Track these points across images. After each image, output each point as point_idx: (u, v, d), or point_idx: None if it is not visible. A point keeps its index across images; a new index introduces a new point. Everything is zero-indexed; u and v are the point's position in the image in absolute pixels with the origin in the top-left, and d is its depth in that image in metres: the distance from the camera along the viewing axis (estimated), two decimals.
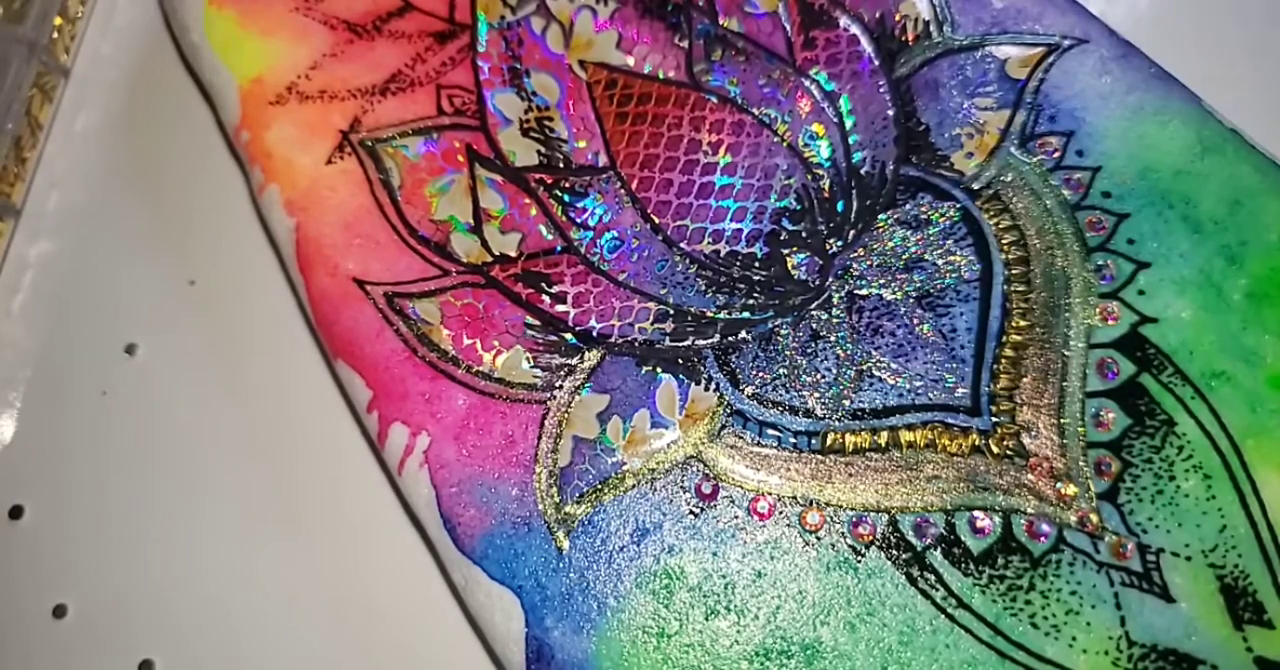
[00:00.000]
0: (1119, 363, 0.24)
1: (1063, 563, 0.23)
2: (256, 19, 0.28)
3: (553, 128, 0.27)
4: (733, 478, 0.24)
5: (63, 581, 0.29)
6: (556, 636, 0.23)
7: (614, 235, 0.26)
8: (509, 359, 0.25)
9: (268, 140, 0.27)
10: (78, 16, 0.34)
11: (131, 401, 0.31)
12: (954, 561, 0.23)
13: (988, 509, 0.24)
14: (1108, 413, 0.24)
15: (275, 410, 0.30)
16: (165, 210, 0.32)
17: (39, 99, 0.33)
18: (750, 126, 0.27)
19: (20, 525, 0.30)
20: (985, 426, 0.24)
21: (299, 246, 0.27)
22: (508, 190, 0.27)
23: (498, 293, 0.26)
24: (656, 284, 0.26)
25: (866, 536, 0.24)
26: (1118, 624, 0.23)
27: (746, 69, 0.27)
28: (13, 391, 0.31)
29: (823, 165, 0.26)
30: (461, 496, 0.24)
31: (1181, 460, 0.23)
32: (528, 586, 0.24)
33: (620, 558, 0.24)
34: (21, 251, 0.32)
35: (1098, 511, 0.23)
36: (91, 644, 0.29)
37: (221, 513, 0.29)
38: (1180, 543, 0.23)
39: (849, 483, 0.24)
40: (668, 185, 0.26)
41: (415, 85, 0.28)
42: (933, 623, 0.23)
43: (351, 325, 0.26)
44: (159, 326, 0.31)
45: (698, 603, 0.23)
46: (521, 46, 0.28)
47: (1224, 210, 0.25)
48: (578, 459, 0.24)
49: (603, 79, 0.27)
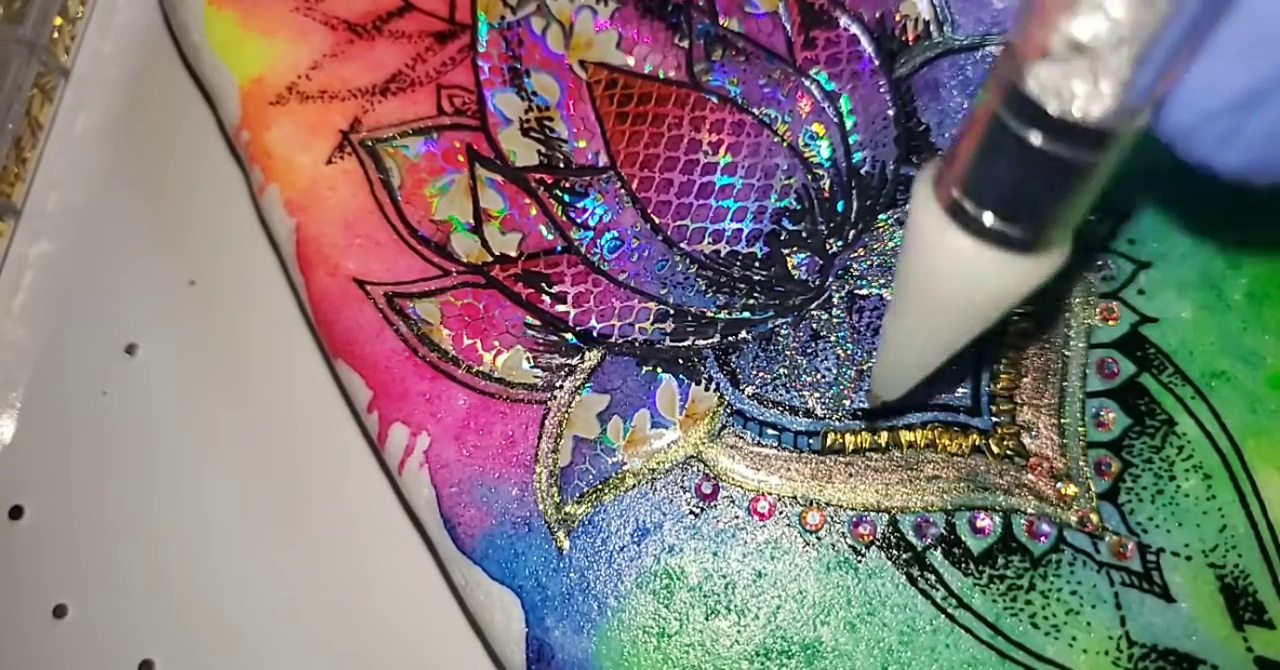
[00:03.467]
0: (1119, 363, 0.24)
1: (1063, 563, 0.23)
2: (257, 19, 0.28)
3: (553, 128, 0.27)
4: (733, 478, 0.24)
5: (63, 581, 0.29)
6: (557, 636, 0.23)
7: (614, 235, 0.26)
8: (509, 359, 0.25)
9: (268, 140, 0.27)
10: (78, 16, 0.34)
11: (131, 401, 0.31)
12: (954, 561, 0.23)
13: (988, 509, 0.24)
14: (1108, 413, 0.24)
15: (275, 410, 0.30)
16: (165, 210, 0.32)
17: (39, 99, 0.33)
18: (750, 126, 0.27)
19: (20, 525, 0.30)
20: (985, 426, 0.24)
21: (299, 246, 0.27)
22: (508, 190, 0.27)
23: (498, 293, 0.26)
24: (656, 284, 0.26)
25: (867, 536, 0.24)
26: (1118, 624, 0.23)
27: (746, 69, 0.27)
28: (13, 391, 0.31)
29: (823, 165, 0.26)
30: (462, 496, 0.24)
31: (1181, 460, 0.23)
32: (528, 586, 0.24)
33: (620, 558, 0.24)
34: (21, 251, 0.32)
35: (1098, 511, 0.23)
36: (91, 644, 0.29)
37: (221, 513, 0.29)
38: (1180, 543, 0.23)
39: (849, 483, 0.24)
40: (668, 185, 0.26)
41: (415, 85, 0.28)
42: (933, 623, 0.23)
43: (351, 325, 0.26)
44: (159, 326, 0.31)
45: (698, 603, 0.23)
46: (521, 46, 0.28)
47: (1225, 209, 0.25)
48: (578, 459, 0.24)
49: (603, 79, 0.27)
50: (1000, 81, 0.14)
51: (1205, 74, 0.14)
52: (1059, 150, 0.14)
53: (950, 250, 0.15)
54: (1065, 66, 0.13)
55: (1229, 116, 0.14)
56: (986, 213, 0.15)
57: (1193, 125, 0.14)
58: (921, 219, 0.16)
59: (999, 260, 0.15)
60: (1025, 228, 0.15)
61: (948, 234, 0.15)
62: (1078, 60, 0.13)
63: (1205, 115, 0.14)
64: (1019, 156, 0.14)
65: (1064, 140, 0.14)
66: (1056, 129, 0.14)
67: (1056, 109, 0.14)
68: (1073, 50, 0.13)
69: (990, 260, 0.15)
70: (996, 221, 0.15)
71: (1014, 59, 0.14)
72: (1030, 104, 0.14)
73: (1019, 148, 0.14)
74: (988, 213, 0.15)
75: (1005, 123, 0.14)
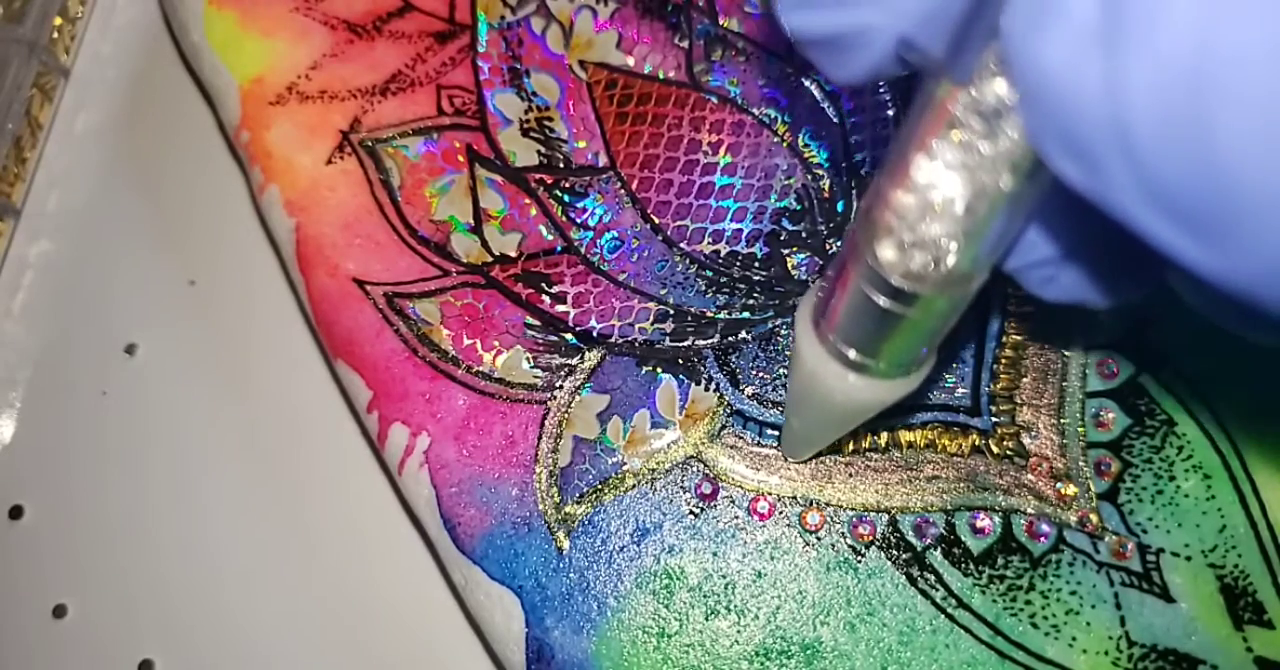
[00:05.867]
0: (1119, 363, 0.24)
1: (1063, 563, 0.23)
2: (257, 19, 0.28)
3: (553, 128, 0.27)
4: (733, 478, 0.24)
5: (63, 581, 0.29)
6: (556, 636, 0.23)
7: (614, 235, 0.26)
8: (509, 359, 0.25)
9: (268, 140, 0.27)
10: (78, 16, 0.34)
11: (131, 401, 0.31)
12: (954, 561, 0.23)
13: (988, 509, 0.24)
14: (1108, 413, 0.24)
15: (275, 410, 0.30)
16: (165, 210, 0.32)
17: (39, 99, 0.33)
18: (750, 126, 0.27)
19: (20, 525, 0.30)
20: (985, 426, 0.24)
21: (299, 246, 0.27)
22: (508, 190, 0.27)
23: (498, 293, 0.26)
24: (656, 284, 0.26)
25: (866, 536, 0.24)
26: (1118, 624, 0.23)
27: (746, 69, 0.27)
28: (13, 391, 0.31)
29: (823, 165, 0.26)
30: (461, 496, 0.24)
31: (1181, 460, 0.23)
32: (528, 586, 0.24)
33: (620, 558, 0.24)
34: (21, 251, 0.32)
35: (1098, 511, 0.23)
36: (91, 644, 0.29)
37: (221, 513, 0.29)
38: (1180, 543, 0.23)
39: (849, 483, 0.24)
40: (668, 185, 0.26)
41: (415, 85, 0.28)
42: (933, 623, 0.23)
43: (351, 325, 0.26)
44: (159, 326, 0.31)
45: (698, 603, 0.23)
46: (521, 46, 0.28)
47: None
48: (578, 459, 0.24)
49: (603, 79, 0.27)
50: (858, 255, 0.17)
51: (1028, 235, 0.16)
52: (902, 310, 0.17)
53: (829, 376, 0.19)
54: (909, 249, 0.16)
55: (1047, 268, 0.17)
56: (851, 350, 0.18)
57: (1021, 270, 0.17)
58: (804, 350, 0.19)
59: (865, 384, 0.19)
60: (885, 362, 0.18)
61: (826, 364, 0.19)
62: (918, 250, 0.16)
63: (1029, 265, 0.17)
64: (874, 315, 0.17)
65: (905, 303, 0.17)
66: (901, 296, 0.16)
67: (901, 282, 0.16)
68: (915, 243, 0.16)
69: (858, 384, 0.19)
70: (860, 357, 0.18)
71: (868, 232, 0.16)
72: (879, 277, 0.16)
73: (874, 308, 0.17)
74: (852, 350, 0.18)
75: (864, 290, 0.17)
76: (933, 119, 0.14)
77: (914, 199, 0.15)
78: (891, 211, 0.16)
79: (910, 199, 0.15)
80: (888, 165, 0.16)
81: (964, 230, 0.15)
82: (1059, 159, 0.12)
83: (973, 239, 0.15)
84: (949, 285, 0.16)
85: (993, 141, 0.14)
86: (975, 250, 0.15)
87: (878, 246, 0.16)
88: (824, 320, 0.19)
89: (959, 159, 0.14)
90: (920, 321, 0.17)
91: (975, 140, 0.14)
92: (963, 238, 0.15)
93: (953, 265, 0.16)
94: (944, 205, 0.15)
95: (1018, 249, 0.17)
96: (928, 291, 0.16)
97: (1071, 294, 0.17)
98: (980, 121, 0.14)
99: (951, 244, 0.15)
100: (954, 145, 0.14)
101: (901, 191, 0.15)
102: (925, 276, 0.16)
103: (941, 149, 0.15)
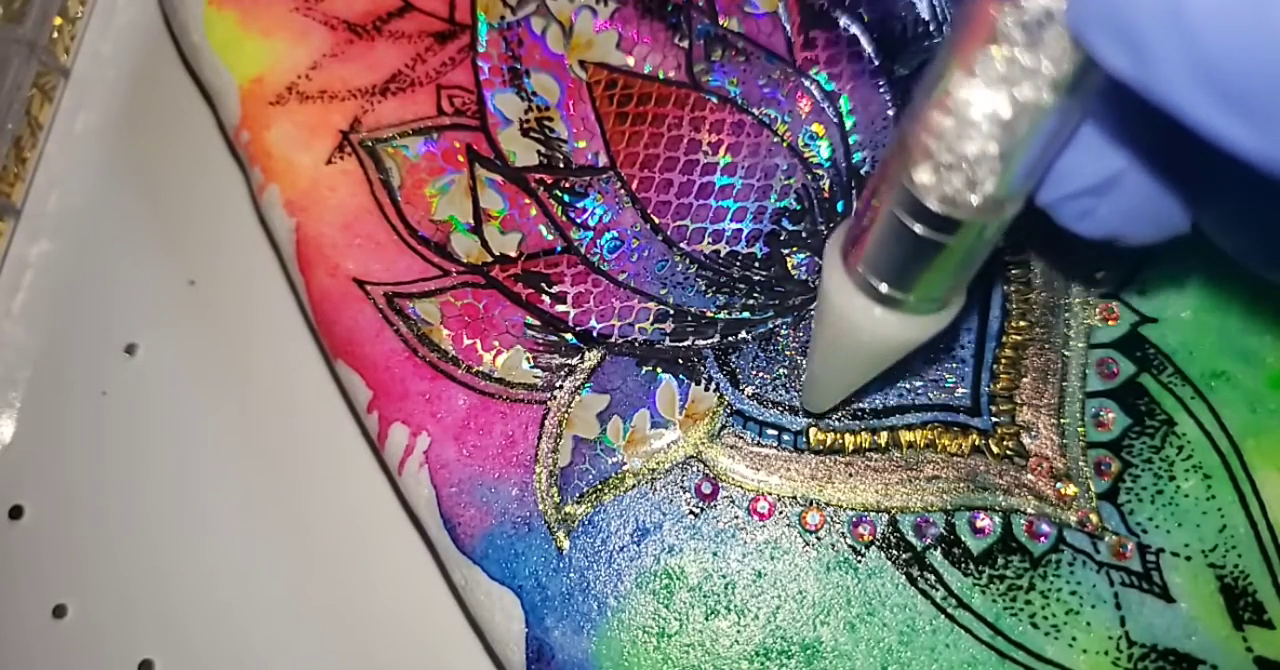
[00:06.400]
0: (1119, 363, 0.24)
1: (1063, 563, 0.23)
2: (257, 19, 0.28)
3: (553, 128, 0.27)
4: (733, 478, 0.24)
5: (63, 581, 0.29)
6: (557, 636, 0.23)
7: (614, 235, 0.26)
8: (509, 359, 0.25)
9: (268, 140, 0.27)
10: (78, 16, 0.34)
11: (131, 401, 0.31)
12: (954, 561, 0.23)
13: (988, 509, 0.24)
14: (1108, 413, 0.24)
15: (275, 410, 0.30)
16: (165, 210, 0.32)
17: (39, 99, 0.33)
18: (750, 126, 0.27)
19: (20, 525, 0.30)
20: (985, 426, 0.24)
21: (299, 246, 0.27)
22: (508, 190, 0.27)
23: (498, 293, 0.26)
24: (656, 284, 0.26)
25: (866, 536, 0.24)
26: (1118, 624, 0.23)
27: (746, 69, 0.27)
28: (13, 391, 0.31)
29: (823, 165, 0.26)
30: (462, 496, 0.24)
31: (1181, 460, 0.23)
32: (528, 586, 0.24)
33: (620, 558, 0.24)
34: (21, 251, 0.32)
35: (1098, 511, 0.23)
36: (91, 644, 0.29)
37: (221, 513, 0.29)
38: (1180, 543, 0.23)
39: (849, 483, 0.24)
40: (668, 185, 0.26)
41: (415, 85, 0.28)
42: (933, 623, 0.23)
43: (351, 325, 0.26)
44: (159, 326, 0.31)
45: (698, 603, 0.23)
46: (521, 46, 0.28)
47: None
48: (578, 459, 0.24)
49: (603, 79, 0.27)
50: (892, 181, 0.16)
51: (1067, 163, 0.16)
52: (937, 237, 0.16)
53: (856, 311, 0.18)
54: (945, 172, 0.16)
55: (1086, 199, 0.17)
56: (882, 283, 0.18)
57: (1057, 203, 0.17)
58: (832, 283, 0.19)
59: (895, 319, 0.18)
60: (916, 295, 0.18)
61: (854, 298, 0.18)
62: (955, 172, 0.15)
63: (1067, 196, 0.17)
64: (908, 243, 0.17)
65: (940, 229, 0.16)
66: (937, 221, 0.16)
67: (937, 206, 0.16)
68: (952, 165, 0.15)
69: (887, 319, 0.18)
70: (891, 290, 0.18)
71: (903, 158, 0.16)
72: (915, 201, 0.16)
73: (907, 236, 0.17)
74: (883, 283, 0.18)
75: (897, 216, 0.16)
76: (974, 34, 0.14)
77: (952, 119, 0.15)
78: (929, 132, 0.15)
79: (949, 120, 0.15)
80: (924, 86, 0.16)
81: (1002, 150, 0.15)
82: (1106, 48, 0.12)
83: (1010, 160, 0.15)
84: (985, 211, 0.16)
85: (1035, 54, 0.14)
86: (1012, 172, 0.15)
87: (914, 170, 0.16)
88: (853, 251, 0.18)
89: (1000, 73, 0.14)
90: (954, 250, 0.17)
91: (1017, 53, 0.14)
92: (1000, 158, 0.15)
93: (990, 189, 0.15)
94: (983, 123, 0.15)
95: (1055, 180, 0.16)
96: (964, 216, 0.16)
97: (1108, 227, 0.17)
98: (1023, 33, 0.14)
99: (989, 165, 0.15)
100: (995, 60, 0.14)
101: (939, 112, 0.15)
102: (961, 201, 0.16)
103: (983, 65, 0.14)
